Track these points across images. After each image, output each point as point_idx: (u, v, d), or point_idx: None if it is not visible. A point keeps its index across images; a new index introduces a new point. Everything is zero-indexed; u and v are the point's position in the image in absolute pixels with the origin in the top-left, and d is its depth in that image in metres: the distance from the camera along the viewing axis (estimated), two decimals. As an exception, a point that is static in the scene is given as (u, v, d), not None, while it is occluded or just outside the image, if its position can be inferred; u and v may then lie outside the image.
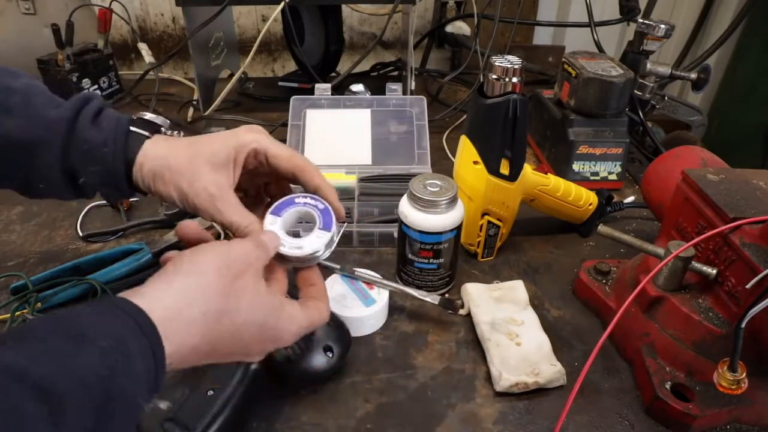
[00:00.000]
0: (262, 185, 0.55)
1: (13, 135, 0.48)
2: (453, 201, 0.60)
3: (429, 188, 0.60)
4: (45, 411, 0.28)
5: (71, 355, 0.31)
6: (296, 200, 0.50)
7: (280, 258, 0.47)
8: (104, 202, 0.81)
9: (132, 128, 0.50)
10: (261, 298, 0.42)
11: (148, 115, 0.53)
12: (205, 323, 0.38)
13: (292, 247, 0.47)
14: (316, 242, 0.48)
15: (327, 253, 0.49)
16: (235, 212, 0.47)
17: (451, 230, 0.60)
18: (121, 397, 0.32)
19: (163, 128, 0.53)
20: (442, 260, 0.62)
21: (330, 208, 0.50)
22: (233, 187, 0.49)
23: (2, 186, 0.52)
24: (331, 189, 0.51)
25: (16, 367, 0.29)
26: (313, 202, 0.50)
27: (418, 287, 0.63)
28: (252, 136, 0.50)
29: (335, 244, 0.50)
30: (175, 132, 0.54)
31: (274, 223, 0.48)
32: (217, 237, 0.68)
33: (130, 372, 0.33)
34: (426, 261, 0.62)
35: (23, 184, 0.51)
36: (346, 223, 0.50)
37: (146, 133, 0.51)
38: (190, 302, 0.38)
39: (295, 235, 0.49)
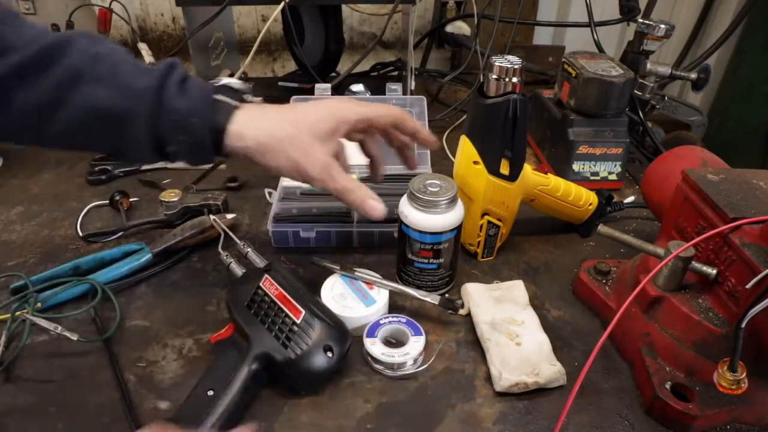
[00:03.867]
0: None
1: (102, 105, 0.49)
2: (453, 201, 0.60)
3: (429, 188, 0.60)
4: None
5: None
6: (381, 321, 0.58)
7: (390, 368, 0.55)
8: (104, 202, 0.81)
9: (218, 97, 0.52)
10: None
11: (233, 82, 0.54)
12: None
13: (400, 356, 0.54)
14: (417, 347, 0.56)
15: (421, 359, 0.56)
16: (345, 178, 0.54)
17: (451, 230, 0.60)
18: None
19: (246, 95, 0.54)
20: (442, 260, 0.62)
21: (412, 320, 0.58)
22: (335, 155, 0.54)
23: (93, 151, 0.55)
24: (421, 127, 0.60)
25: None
26: (395, 319, 0.59)
27: (418, 287, 0.63)
28: (350, 109, 0.55)
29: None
30: (257, 98, 0.56)
31: (374, 343, 0.56)
32: (218, 236, 0.68)
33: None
34: (426, 261, 0.62)
35: (113, 151, 0.53)
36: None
37: (234, 103, 0.52)
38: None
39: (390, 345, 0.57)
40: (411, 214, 0.60)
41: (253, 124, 0.52)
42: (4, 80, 0.47)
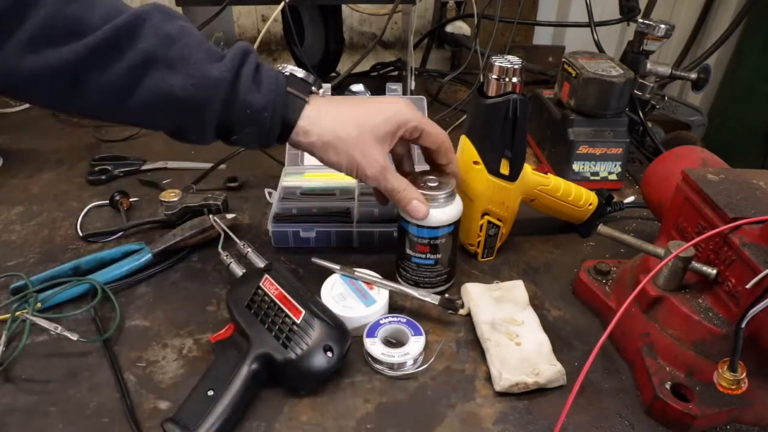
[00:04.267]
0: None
1: (175, 92, 0.49)
2: (451, 196, 0.60)
3: (428, 183, 0.60)
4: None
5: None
6: (381, 321, 0.58)
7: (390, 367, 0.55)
8: (104, 202, 0.81)
9: (291, 90, 0.53)
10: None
11: (297, 70, 0.56)
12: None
13: (400, 356, 0.55)
14: (417, 346, 0.56)
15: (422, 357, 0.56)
16: (396, 178, 0.56)
17: (449, 225, 0.60)
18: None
19: (313, 87, 0.56)
20: (439, 256, 0.62)
21: (412, 320, 0.59)
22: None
23: (156, 129, 0.54)
24: (455, 160, 0.61)
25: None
26: (395, 319, 0.59)
27: (417, 284, 0.63)
28: (412, 115, 0.56)
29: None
30: (321, 90, 0.57)
31: (374, 343, 0.56)
32: (218, 236, 0.68)
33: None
34: (423, 256, 0.62)
35: (174, 132, 0.54)
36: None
37: (304, 97, 0.54)
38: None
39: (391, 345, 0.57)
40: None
41: (320, 122, 0.53)
42: (76, 64, 0.46)
